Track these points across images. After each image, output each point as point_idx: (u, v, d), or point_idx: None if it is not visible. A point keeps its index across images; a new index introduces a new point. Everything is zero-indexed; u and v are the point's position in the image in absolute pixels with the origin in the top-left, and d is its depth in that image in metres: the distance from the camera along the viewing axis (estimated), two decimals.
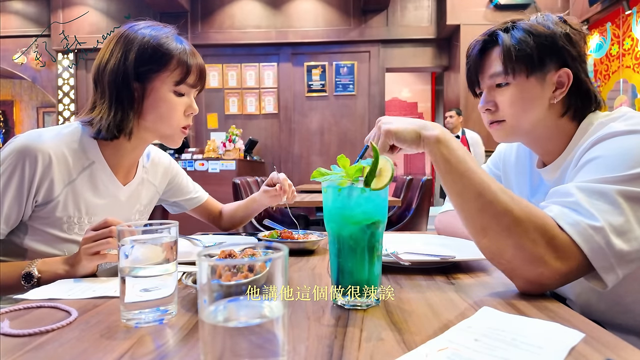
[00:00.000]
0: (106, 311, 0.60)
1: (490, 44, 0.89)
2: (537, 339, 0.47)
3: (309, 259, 0.96)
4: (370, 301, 0.62)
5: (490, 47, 0.89)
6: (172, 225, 0.58)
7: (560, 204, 0.68)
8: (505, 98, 0.88)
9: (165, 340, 0.51)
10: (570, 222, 0.64)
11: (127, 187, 1.05)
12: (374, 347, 0.47)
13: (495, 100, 0.90)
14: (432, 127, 0.73)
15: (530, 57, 0.83)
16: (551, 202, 0.70)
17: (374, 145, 0.61)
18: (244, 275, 0.37)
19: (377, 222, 0.62)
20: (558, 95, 0.85)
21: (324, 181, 0.64)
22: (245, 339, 0.36)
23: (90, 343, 0.49)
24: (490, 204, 0.66)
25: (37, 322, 0.56)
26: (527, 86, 0.85)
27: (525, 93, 0.86)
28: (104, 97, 0.94)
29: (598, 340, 0.48)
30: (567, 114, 0.87)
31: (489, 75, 0.89)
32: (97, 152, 0.97)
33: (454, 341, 0.48)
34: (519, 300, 0.63)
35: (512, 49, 0.84)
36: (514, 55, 0.84)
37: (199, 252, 0.38)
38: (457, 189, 0.70)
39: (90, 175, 0.97)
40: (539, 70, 0.84)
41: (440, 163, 0.71)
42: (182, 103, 0.98)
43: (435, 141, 0.71)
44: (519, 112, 0.87)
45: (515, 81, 0.86)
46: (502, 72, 0.86)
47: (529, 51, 0.83)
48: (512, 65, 0.84)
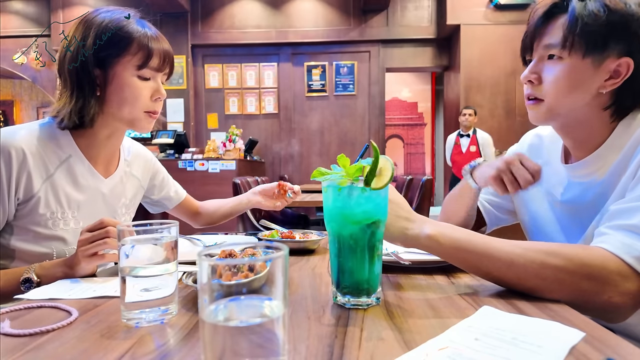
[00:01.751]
0: (107, 311, 0.60)
1: (559, 9, 0.79)
2: (538, 338, 0.47)
3: (309, 259, 0.96)
4: (371, 300, 0.61)
5: (557, 12, 0.79)
6: (173, 225, 0.58)
7: (621, 228, 0.64)
8: (553, 73, 0.80)
9: (166, 340, 0.51)
10: (635, 255, 0.61)
11: (110, 179, 1.04)
12: (374, 346, 0.47)
13: (541, 73, 0.82)
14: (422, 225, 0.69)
15: (595, 35, 0.74)
16: (611, 227, 0.66)
17: (374, 145, 0.61)
18: (245, 275, 0.37)
19: (378, 221, 0.62)
20: (609, 85, 0.77)
21: (324, 181, 0.64)
22: (246, 339, 0.36)
23: (91, 343, 0.49)
24: (525, 269, 0.63)
25: (38, 322, 0.56)
26: (580, 66, 0.77)
27: (576, 73, 0.77)
28: (66, 85, 0.93)
29: (598, 339, 0.48)
30: (611, 108, 0.79)
31: (544, 44, 0.81)
32: (72, 144, 0.96)
33: (454, 340, 0.48)
34: (519, 299, 0.63)
35: (579, 20, 0.74)
36: (579, 28, 0.74)
37: (200, 251, 0.37)
38: (484, 270, 0.67)
39: (69, 169, 0.95)
40: (599, 53, 0.75)
41: (449, 254, 0.68)
42: (147, 87, 0.96)
43: (427, 239, 0.67)
44: (561, 93, 0.79)
45: (569, 57, 0.77)
46: (559, 43, 0.77)
47: (597, 28, 0.74)
48: (572, 39, 0.76)
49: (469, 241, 0.67)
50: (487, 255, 0.66)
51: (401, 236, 0.69)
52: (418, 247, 0.69)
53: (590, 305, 0.62)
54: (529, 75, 0.84)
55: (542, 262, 0.63)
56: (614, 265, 0.61)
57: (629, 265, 0.61)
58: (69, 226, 0.95)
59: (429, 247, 0.68)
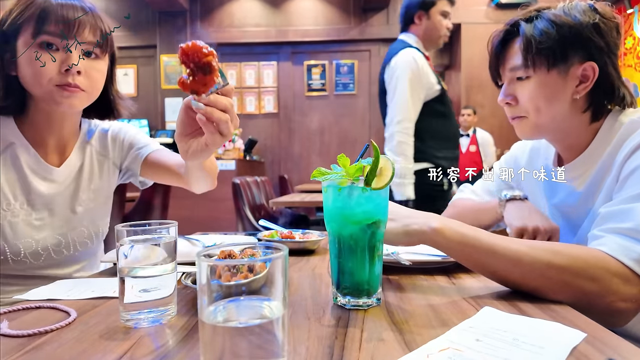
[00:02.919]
0: (105, 312, 0.60)
1: (512, 34, 0.85)
2: (539, 339, 0.47)
3: (309, 259, 0.95)
4: (371, 301, 0.61)
5: (512, 37, 0.85)
6: (172, 225, 0.58)
7: (618, 232, 0.65)
8: (525, 92, 0.84)
9: (165, 340, 0.51)
10: (634, 257, 0.61)
11: (64, 166, 0.98)
12: (374, 347, 0.47)
13: (515, 94, 0.86)
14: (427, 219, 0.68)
15: (552, 50, 0.79)
16: (607, 231, 0.67)
17: (374, 144, 0.61)
18: (244, 276, 0.36)
19: (378, 221, 0.62)
20: (581, 90, 0.81)
21: (324, 181, 0.63)
22: (245, 340, 0.36)
23: (90, 344, 0.49)
24: (531, 268, 0.63)
25: (36, 322, 0.56)
26: (548, 80, 0.82)
27: (546, 88, 0.82)
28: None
29: (600, 340, 0.48)
30: (589, 110, 0.82)
31: (509, 68, 0.86)
32: (15, 131, 0.92)
33: (455, 341, 0.47)
34: (520, 300, 0.63)
35: (532, 41, 0.80)
36: (534, 47, 0.80)
37: (199, 252, 0.37)
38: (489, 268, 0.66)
39: (13, 157, 0.91)
40: (561, 64, 0.80)
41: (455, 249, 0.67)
42: (51, 57, 0.84)
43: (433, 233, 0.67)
44: (539, 108, 0.83)
45: (535, 75, 0.82)
46: (521, 65, 0.83)
47: (550, 44, 0.79)
48: (532, 58, 0.81)
49: (475, 237, 0.66)
50: (493, 251, 0.65)
51: (404, 234, 0.68)
52: (423, 242, 0.68)
53: (592, 308, 0.62)
54: (505, 99, 0.88)
55: (548, 261, 0.63)
56: (614, 268, 0.61)
57: (628, 268, 0.61)
58: (19, 217, 0.90)
59: (435, 241, 0.67)
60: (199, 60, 0.60)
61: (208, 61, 0.60)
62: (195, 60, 0.60)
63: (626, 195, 0.68)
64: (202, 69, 0.61)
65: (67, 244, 0.97)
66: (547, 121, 0.84)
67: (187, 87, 0.61)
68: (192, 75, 0.61)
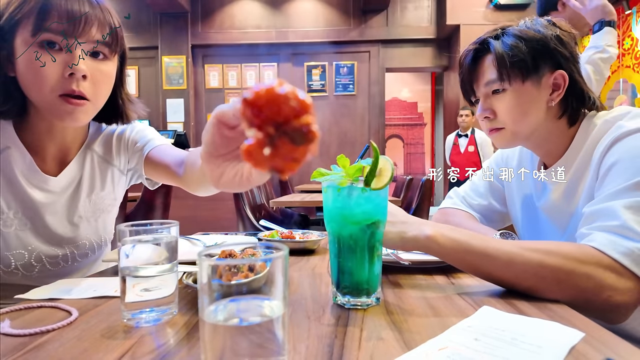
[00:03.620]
0: (107, 311, 0.60)
1: (482, 52, 0.89)
2: (537, 339, 0.47)
3: (309, 259, 0.95)
4: (371, 301, 0.62)
5: (482, 55, 0.89)
6: (173, 225, 0.58)
7: (606, 230, 0.66)
8: (503, 104, 0.88)
9: (166, 339, 0.51)
10: (622, 251, 0.62)
11: (62, 176, 0.89)
12: (374, 346, 0.47)
13: (493, 108, 0.90)
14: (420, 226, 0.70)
15: (524, 62, 0.83)
16: (594, 229, 0.68)
17: (374, 145, 0.61)
18: (244, 275, 0.36)
19: (377, 222, 0.62)
20: (555, 97, 0.85)
21: (324, 181, 0.64)
22: (246, 339, 0.36)
23: (91, 343, 0.49)
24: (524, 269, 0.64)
25: (38, 322, 0.56)
26: (524, 91, 0.85)
27: (522, 98, 0.86)
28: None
29: (598, 339, 0.48)
30: (565, 115, 0.87)
31: (484, 83, 0.89)
32: (13, 136, 0.84)
33: (454, 340, 0.48)
34: (518, 299, 0.63)
35: (505, 56, 0.84)
36: (508, 61, 0.84)
37: (200, 251, 0.37)
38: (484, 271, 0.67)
39: (5, 163, 0.83)
40: (534, 74, 0.85)
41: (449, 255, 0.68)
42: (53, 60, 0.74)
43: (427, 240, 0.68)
44: (518, 118, 0.87)
45: (511, 87, 0.86)
46: (497, 79, 0.86)
47: (522, 56, 0.83)
48: (507, 72, 0.84)
49: (468, 242, 0.68)
50: (486, 255, 0.66)
51: (399, 240, 0.70)
52: (417, 249, 0.70)
53: (590, 305, 0.63)
54: (484, 113, 0.91)
55: (540, 261, 0.64)
56: (606, 262, 0.63)
57: (618, 262, 0.62)
58: (11, 228, 0.84)
59: (429, 247, 0.69)
60: (285, 121, 0.34)
61: (306, 123, 0.35)
62: (277, 119, 0.34)
63: (607, 192, 0.70)
64: (291, 134, 0.35)
65: (65, 256, 0.91)
66: (525, 129, 0.88)
67: (264, 162, 0.34)
68: (273, 144, 0.34)
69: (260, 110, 0.34)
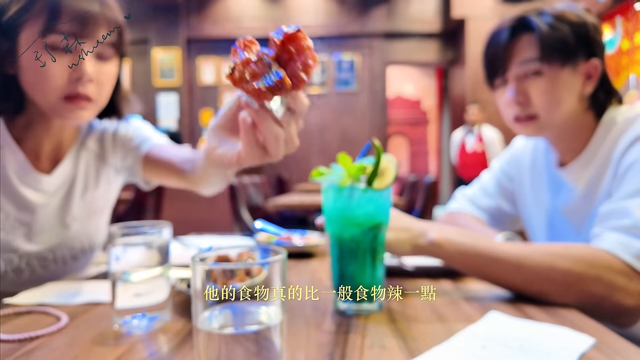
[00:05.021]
0: (97, 316, 0.59)
1: (519, 29, 0.84)
2: (546, 345, 0.46)
3: (308, 262, 0.94)
4: (373, 307, 0.60)
5: (519, 33, 0.84)
6: (165, 227, 0.57)
7: (617, 229, 0.65)
8: (539, 89, 0.83)
9: (158, 347, 0.50)
10: (633, 253, 0.61)
11: (56, 175, 0.86)
12: (376, 355, 0.46)
13: (527, 92, 0.85)
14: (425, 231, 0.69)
15: (566, 44, 0.79)
16: (606, 228, 0.67)
17: (376, 143, 0.59)
18: (240, 280, 0.35)
19: (380, 224, 0.61)
20: (589, 86, 0.82)
21: (324, 181, 0.62)
22: (242, 347, 0.35)
23: (81, 349, 0.49)
24: (533, 272, 0.63)
25: (27, 327, 0.55)
26: (562, 76, 0.81)
27: (560, 84, 0.81)
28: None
29: (609, 346, 0.47)
30: (593, 108, 0.84)
31: (519, 62, 0.84)
32: (4, 132, 0.81)
33: (460, 348, 0.47)
34: (526, 303, 0.62)
35: (547, 34, 0.80)
36: (551, 40, 0.80)
37: (193, 255, 0.36)
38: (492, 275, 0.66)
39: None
40: (572, 60, 0.81)
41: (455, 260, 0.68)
42: (61, 62, 0.72)
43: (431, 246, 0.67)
44: (553, 105, 0.83)
45: (549, 70, 0.82)
46: (536, 58, 0.81)
47: (564, 38, 0.79)
48: (548, 52, 0.80)
49: (474, 246, 0.66)
50: (494, 259, 0.65)
51: (404, 247, 0.69)
52: (421, 254, 0.69)
53: (600, 309, 0.62)
54: (518, 96, 0.85)
55: (550, 264, 0.63)
56: (617, 265, 0.62)
57: (628, 265, 0.62)
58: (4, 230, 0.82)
59: (434, 253, 0.68)
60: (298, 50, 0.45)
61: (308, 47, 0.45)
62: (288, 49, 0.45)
63: (624, 192, 0.69)
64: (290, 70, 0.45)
65: (56, 259, 0.88)
66: (558, 118, 0.84)
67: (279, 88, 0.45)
68: (282, 66, 0.45)
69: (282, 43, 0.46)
